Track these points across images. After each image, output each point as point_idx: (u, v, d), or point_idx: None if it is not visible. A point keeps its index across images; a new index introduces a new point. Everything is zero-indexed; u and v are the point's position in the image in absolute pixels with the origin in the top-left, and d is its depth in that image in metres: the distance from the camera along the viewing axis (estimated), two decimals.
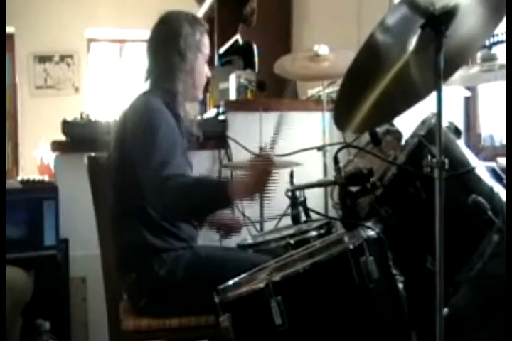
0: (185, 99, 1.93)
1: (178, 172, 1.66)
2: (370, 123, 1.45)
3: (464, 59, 1.32)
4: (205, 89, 2.07)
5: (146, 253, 1.79)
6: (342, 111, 1.43)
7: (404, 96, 1.31)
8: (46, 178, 3.15)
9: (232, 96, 3.38)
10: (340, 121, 1.43)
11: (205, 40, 1.97)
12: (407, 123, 1.61)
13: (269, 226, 2.47)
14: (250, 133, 2.65)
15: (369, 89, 1.33)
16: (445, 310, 1.23)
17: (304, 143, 2.60)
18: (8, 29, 5.31)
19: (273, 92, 3.04)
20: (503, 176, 1.55)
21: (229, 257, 1.84)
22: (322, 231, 1.86)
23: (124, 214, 1.83)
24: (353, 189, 1.49)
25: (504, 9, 1.14)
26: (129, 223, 1.81)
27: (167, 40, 1.92)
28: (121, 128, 1.85)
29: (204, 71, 1.98)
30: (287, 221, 2.10)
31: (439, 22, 1.18)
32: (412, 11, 1.21)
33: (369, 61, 1.32)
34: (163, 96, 1.87)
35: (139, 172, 1.72)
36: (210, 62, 2.05)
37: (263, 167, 1.57)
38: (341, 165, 1.47)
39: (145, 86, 1.95)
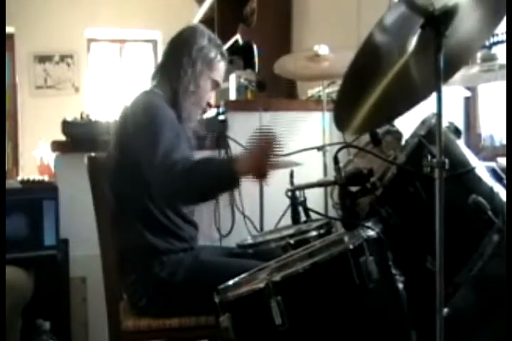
0: (180, 114, 1.92)
1: (183, 157, 1.66)
2: (370, 124, 1.45)
3: (464, 59, 1.32)
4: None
5: (146, 253, 1.79)
6: (342, 111, 1.43)
7: (405, 97, 1.30)
8: (46, 178, 3.14)
9: (232, 96, 3.38)
10: (341, 122, 1.43)
11: (219, 65, 1.97)
12: (407, 123, 1.61)
13: (269, 226, 2.47)
14: (250, 133, 2.65)
15: (369, 90, 1.32)
16: (445, 310, 1.23)
17: (304, 143, 2.60)
18: (8, 29, 5.31)
19: (273, 92, 3.04)
20: (503, 176, 1.55)
21: (229, 263, 1.84)
22: (322, 231, 1.86)
23: (124, 214, 1.83)
24: (353, 189, 1.49)
25: (504, 9, 1.14)
26: (130, 223, 1.81)
27: (184, 44, 1.94)
28: (121, 126, 1.84)
29: (206, 93, 1.96)
30: (287, 221, 2.10)
31: (438, 22, 1.18)
32: (411, 11, 1.21)
33: (368, 61, 1.32)
34: (164, 96, 1.87)
35: (144, 164, 1.71)
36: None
37: (265, 142, 1.57)
38: (341, 165, 1.47)
39: (148, 84, 1.95)
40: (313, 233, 1.85)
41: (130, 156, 1.77)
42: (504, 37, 1.99)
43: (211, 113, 3.00)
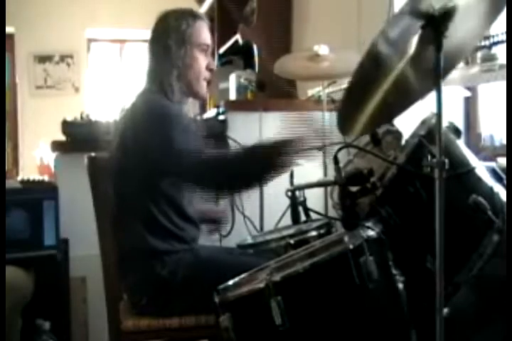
0: (187, 95, 1.92)
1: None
2: (369, 125, 1.44)
3: (459, 59, 1.32)
4: (208, 83, 2.00)
5: (147, 254, 1.79)
6: (345, 119, 1.41)
7: (403, 97, 1.30)
8: (46, 178, 3.15)
9: (232, 96, 3.38)
10: (345, 128, 1.42)
11: (195, 30, 1.90)
12: (407, 123, 1.61)
13: (269, 226, 2.47)
14: (250, 133, 2.65)
15: (371, 96, 1.32)
16: (445, 310, 1.23)
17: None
18: (8, 29, 5.31)
19: (273, 92, 3.04)
20: (503, 176, 1.55)
21: (230, 260, 1.84)
22: (322, 231, 1.86)
23: (125, 214, 1.83)
24: (353, 189, 1.49)
25: (501, 9, 1.14)
26: (130, 223, 1.81)
27: (154, 38, 1.93)
28: (124, 127, 1.83)
29: (198, 62, 1.91)
30: (287, 221, 2.10)
31: (438, 22, 1.18)
32: (413, 15, 1.21)
33: (370, 70, 1.31)
34: (161, 93, 1.87)
35: (165, 157, 1.71)
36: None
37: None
38: (341, 165, 1.47)
39: (143, 85, 1.95)
40: (313, 233, 1.85)
41: (134, 157, 1.76)
42: (504, 37, 1.99)
43: (211, 113, 3.01)
